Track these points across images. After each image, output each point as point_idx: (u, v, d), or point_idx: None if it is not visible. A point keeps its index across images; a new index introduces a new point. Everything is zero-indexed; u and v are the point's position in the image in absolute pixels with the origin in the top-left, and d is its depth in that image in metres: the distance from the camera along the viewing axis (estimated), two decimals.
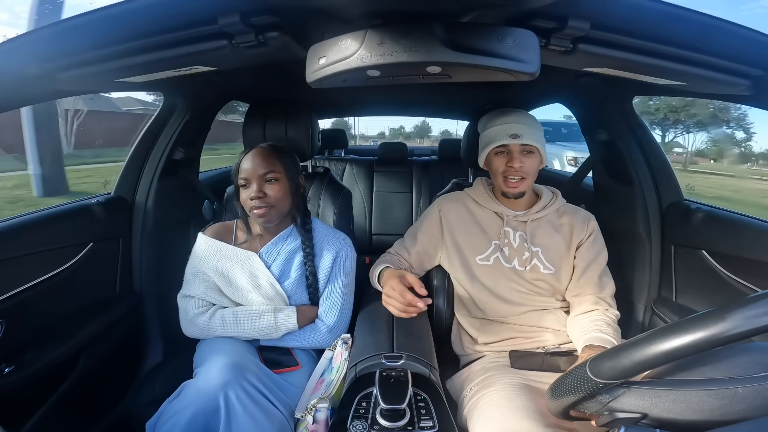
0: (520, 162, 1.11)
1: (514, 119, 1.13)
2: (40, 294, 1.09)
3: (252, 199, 1.11)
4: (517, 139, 1.09)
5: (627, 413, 0.54)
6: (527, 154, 1.12)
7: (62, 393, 1.14)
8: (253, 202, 1.11)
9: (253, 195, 1.11)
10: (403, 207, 2.76)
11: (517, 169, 1.11)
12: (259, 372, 0.98)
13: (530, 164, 1.12)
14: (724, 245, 1.17)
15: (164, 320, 1.50)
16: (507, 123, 1.13)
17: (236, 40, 0.69)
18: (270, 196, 1.12)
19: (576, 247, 1.16)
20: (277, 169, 1.13)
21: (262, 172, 1.12)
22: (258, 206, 1.11)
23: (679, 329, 0.48)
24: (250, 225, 1.22)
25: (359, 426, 0.72)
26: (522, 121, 1.12)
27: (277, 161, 1.14)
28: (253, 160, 1.13)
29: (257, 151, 1.15)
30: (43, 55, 0.73)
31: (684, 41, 0.70)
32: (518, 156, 1.11)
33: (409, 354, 0.93)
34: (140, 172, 1.47)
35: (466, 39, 0.58)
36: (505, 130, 1.11)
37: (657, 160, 1.39)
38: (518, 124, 1.11)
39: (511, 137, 1.10)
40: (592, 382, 0.55)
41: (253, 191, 1.11)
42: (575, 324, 1.09)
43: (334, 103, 2.37)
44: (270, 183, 1.13)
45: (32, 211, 1.18)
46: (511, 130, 1.11)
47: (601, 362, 0.55)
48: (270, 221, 1.16)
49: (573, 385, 0.58)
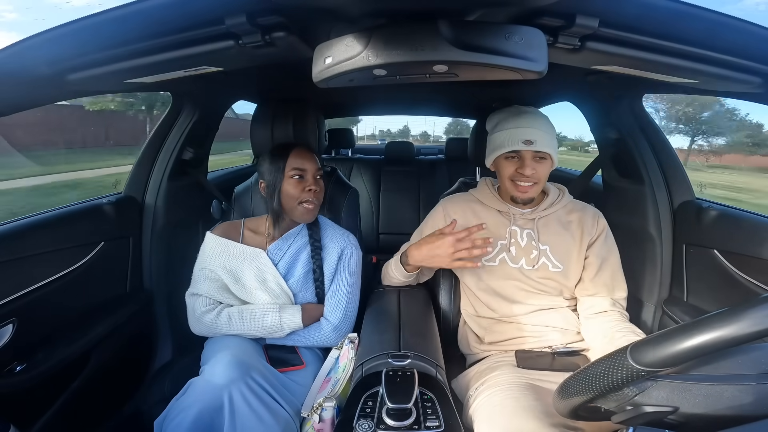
0: (532, 169, 1.06)
1: (528, 123, 1.07)
2: (52, 293, 1.11)
3: (309, 190, 1.18)
4: (531, 145, 1.04)
5: (656, 407, 0.52)
6: (539, 160, 1.07)
7: (73, 391, 1.15)
8: (309, 194, 1.18)
9: (311, 186, 1.18)
10: (410, 206, 2.76)
11: (528, 176, 1.07)
12: (264, 370, 0.99)
13: (542, 170, 1.08)
14: (736, 244, 1.15)
15: (174, 319, 1.51)
16: (520, 127, 1.06)
17: (243, 40, 0.69)
18: (319, 193, 1.21)
19: (587, 245, 1.14)
20: (320, 169, 1.23)
21: (317, 167, 1.21)
22: (311, 200, 1.19)
23: (732, 316, 0.45)
24: (281, 218, 1.24)
25: (365, 425, 0.72)
26: (536, 125, 1.06)
27: (317, 161, 1.23)
28: (309, 157, 1.21)
29: (302, 150, 1.23)
30: (54, 56, 0.74)
31: (694, 38, 0.68)
32: (530, 163, 1.06)
33: (415, 353, 0.93)
34: (150, 172, 1.49)
35: (473, 37, 0.58)
36: (519, 135, 1.06)
37: (668, 158, 1.37)
38: (532, 129, 1.05)
39: (525, 143, 1.04)
40: (631, 370, 0.51)
41: (310, 183, 1.18)
42: (593, 323, 1.08)
43: (340, 103, 2.37)
44: (319, 179, 1.22)
45: (44, 211, 1.20)
46: (524, 136, 1.05)
47: (644, 348, 0.51)
48: (314, 217, 1.23)
49: (603, 374, 0.54)
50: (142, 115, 11.38)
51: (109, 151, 10.87)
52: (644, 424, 0.54)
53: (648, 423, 0.54)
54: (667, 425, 0.53)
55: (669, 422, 0.53)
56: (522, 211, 1.17)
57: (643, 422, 0.54)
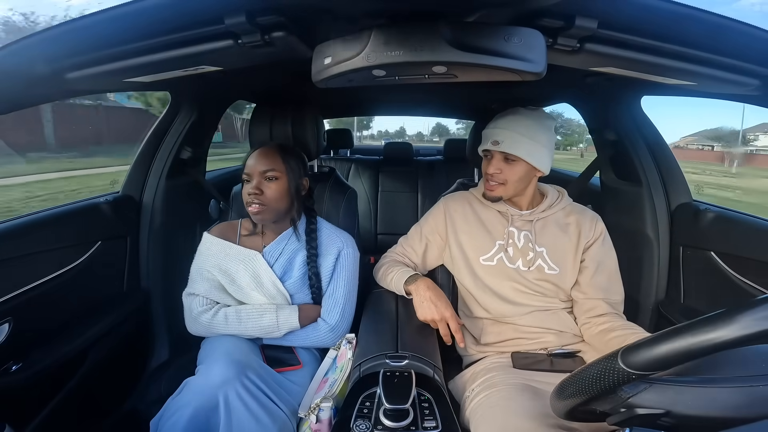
0: (496, 169, 1.10)
1: (503, 124, 1.10)
2: (49, 292, 1.10)
3: (249, 194, 1.13)
4: (497, 146, 1.08)
5: (649, 409, 0.53)
6: (508, 162, 1.10)
7: (69, 390, 1.15)
8: (249, 198, 1.13)
9: (249, 191, 1.12)
10: (408, 207, 2.76)
11: (491, 175, 1.11)
12: (260, 370, 0.98)
13: (511, 172, 1.10)
14: (733, 246, 1.15)
15: (171, 318, 1.51)
16: (494, 128, 1.11)
17: (242, 39, 0.69)
18: (266, 195, 1.13)
19: (584, 248, 1.15)
20: (278, 168, 1.14)
21: (262, 169, 1.13)
22: (253, 202, 1.12)
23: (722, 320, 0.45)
24: (254, 222, 1.23)
25: (362, 425, 0.72)
26: (511, 126, 1.08)
27: (280, 160, 1.15)
28: (257, 158, 1.14)
29: (263, 149, 1.16)
30: (52, 54, 0.73)
31: (693, 41, 0.69)
32: (496, 162, 1.10)
33: (413, 354, 0.93)
34: (148, 171, 1.49)
35: (472, 38, 0.58)
36: (490, 135, 1.11)
37: (665, 160, 1.38)
38: (505, 130, 1.08)
39: (492, 144, 1.09)
40: (622, 373, 0.52)
41: (251, 187, 1.13)
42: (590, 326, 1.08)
43: (339, 103, 2.37)
44: (269, 181, 1.14)
45: (42, 210, 1.19)
46: (494, 136, 1.10)
47: (635, 352, 0.52)
48: (263, 219, 1.17)
49: (596, 377, 0.55)
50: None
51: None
52: (638, 426, 0.54)
53: (642, 425, 0.54)
54: (660, 427, 0.53)
55: (662, 424, 0.53)
56: (520, 212, 1.17)
57: (637, 424, 0.54)
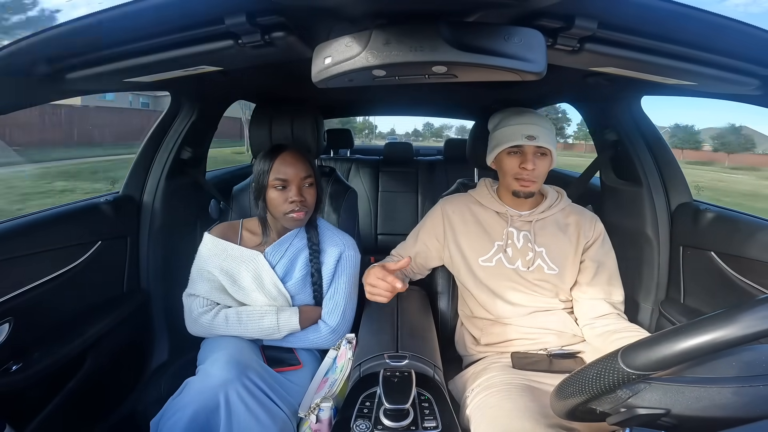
0: (533, 164, 1.08)
1: (530, 120, 1.10)
2: (48, 292, 1.10)
3: (292, 202, 1.11)
4: (533, 140, 1.07)
5: (648, 409, 0.53)
6: (541, 156, 1.10)
7: (69, 391, 1.15)
8: (292, 206, 1.11)
9: (294, 198, 1.11)
10: (408, 207, 2.76)
11: (530, 171, 1.09)
12: (261, 370, 0.98)
13: (543, 166, 1.10)
14: (733, 247, 1.15)
15: (171, 319, 1.51)
16: (523, 123, 1.10)
17: (242, 40, 0.69)
18: (307, 200, 1.14)
19: (584, 249, 1.15)
20: (312, 174, 1.15)
21: (303, 175, 1.13)
22: (297, 210, 1.12)
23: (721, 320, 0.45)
24: (268, 225, 1.21)
25: (363, 425, 0.72)
26: (537, 122, 1.10)
27: (311, 166, 1.16)
28: (294, 164, 1.13)
29: (295, 155, 1.15)
30: (53, 54, 0.74)
31: (693, 40, 0.69)
32: (532, 158, 1.09)
33: (413, 354, 0.93)
34: (148, 171, 1.48)
35: (472, 38, 0.58)
36: (521, 131, 1.09)
37: (666, 160, 1.38)
38: (534, 125, 1.09)
39: (527, 138, 1.07)
40: (622, 373, 0.52)
41: (293, 195, 1.11)
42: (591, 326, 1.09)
43: (339, 103, 2.37)
44: (309, 187, 1.15)
45: (41, 210, 1.19)
46: (527, 131, 1.08)
47: (635, 352, 0.52)
48: (303, 224, 1.18)
49: (596, 377, 0.55)
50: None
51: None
52: (639, 426, 0.54)
53: (642, 424, 0.54)
54: (660, 427, 0.53)
55: (662, 424, 0.53)
56: (520, 213, 1.17)
57: (637, 424, 0.54)
